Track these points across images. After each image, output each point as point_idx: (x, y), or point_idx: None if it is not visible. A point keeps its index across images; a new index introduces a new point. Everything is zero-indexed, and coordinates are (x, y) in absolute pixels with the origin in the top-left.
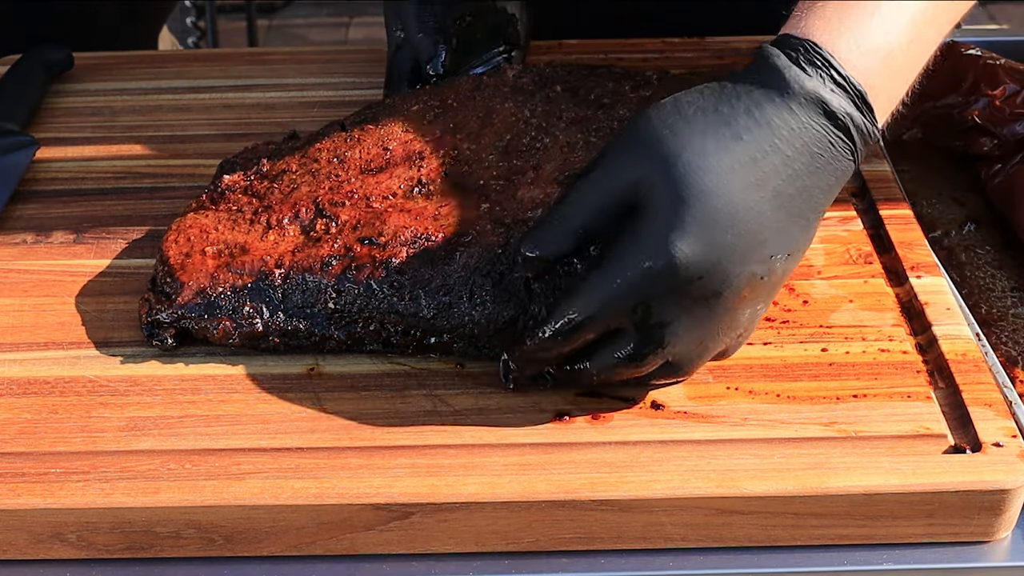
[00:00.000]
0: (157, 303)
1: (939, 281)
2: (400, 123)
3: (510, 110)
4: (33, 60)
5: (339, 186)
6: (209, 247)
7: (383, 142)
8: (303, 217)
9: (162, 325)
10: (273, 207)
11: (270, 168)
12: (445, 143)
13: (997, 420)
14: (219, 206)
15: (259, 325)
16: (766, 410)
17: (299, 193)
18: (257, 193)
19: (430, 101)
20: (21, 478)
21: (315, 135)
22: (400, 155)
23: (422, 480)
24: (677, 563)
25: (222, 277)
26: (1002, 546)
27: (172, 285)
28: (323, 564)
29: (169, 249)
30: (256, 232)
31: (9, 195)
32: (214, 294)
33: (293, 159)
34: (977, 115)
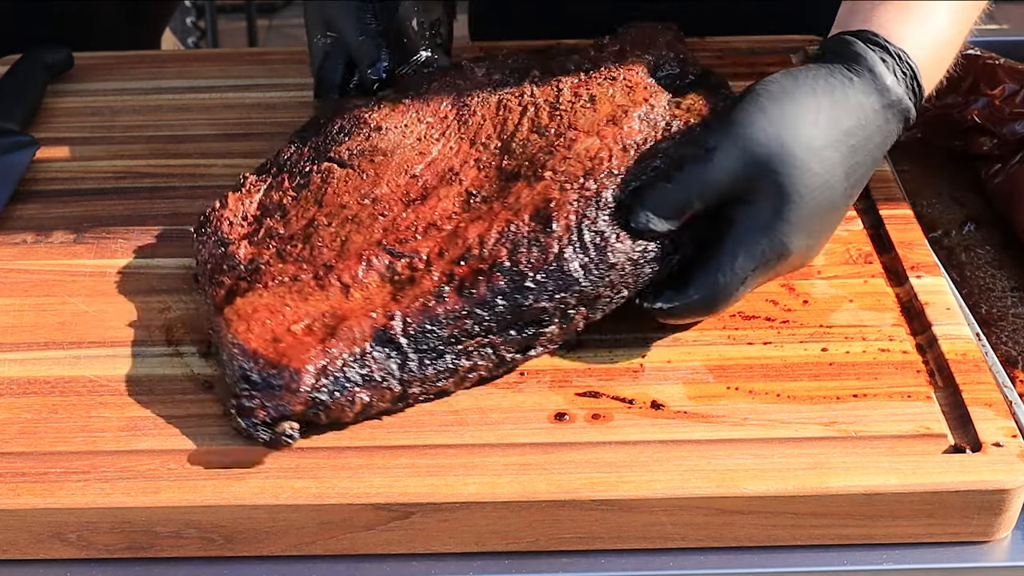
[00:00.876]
0: (273, 399)
1: (939, 281)
2: (405, 144)
3: (506, 98)
4: (33, 60)
5: (394, 224)
6: (295, 325)
7: (405, 170)
8: (377, 265)
9: (282, 420)
10: (335, 265)
11: (287, 228)
12: (466, 149)
13: (997, 420)
14: (263, 283)
15: (395, 384)
16: (766, 410)
17: (355, 244)
18: (300, 257)
19: (412, 113)
20: (21, 478)
21: (302, 173)
22: (433, 178)
23: (422, 480)
24: (677, 563)
25: (336, 349)
26: (1002, 546)
27: (280, 376)
28: (323, 564)
29: (249, 341)
30: (334, 294)
31: (9, 195)
32: (337, 368)
33: (307, 210)
34: (977, 115)
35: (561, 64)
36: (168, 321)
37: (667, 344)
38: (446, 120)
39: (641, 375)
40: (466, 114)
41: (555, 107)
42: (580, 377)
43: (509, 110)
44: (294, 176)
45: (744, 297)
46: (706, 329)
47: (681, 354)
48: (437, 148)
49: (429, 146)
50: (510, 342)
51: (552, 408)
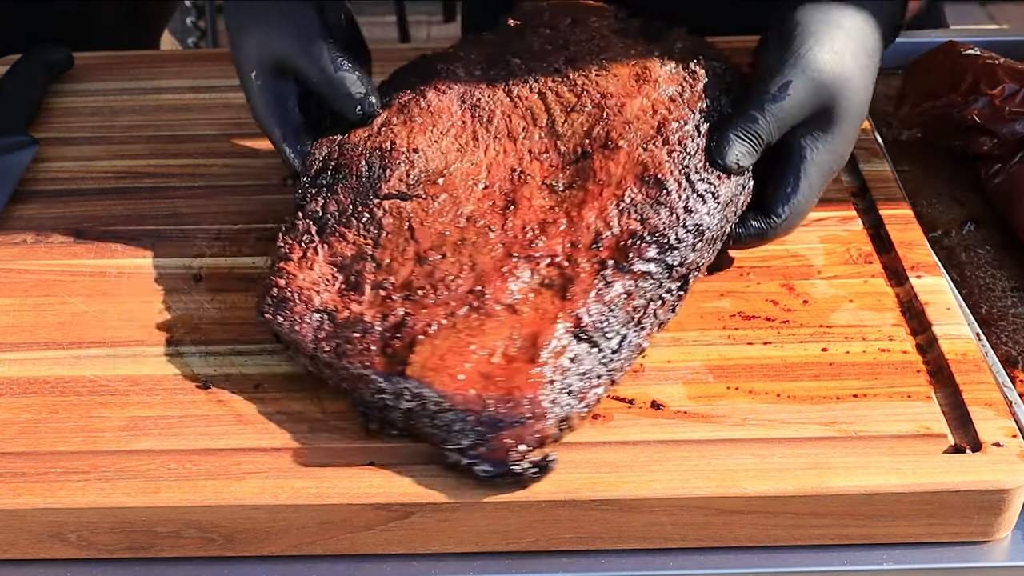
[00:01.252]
0: (526, 431)
1: (939, 281)
2: (451, 159)
3: (513, 88)
4: (33, 60)
5: (508, 235)
6: (470, 364)
7: (473, 182)
8: (524, 276)
9: (541, 447)
10: (483, 290)
11: (396, 275)
12: (512, 147)
13: (997, 420)
14: (421, 331)
15: (605, 377)
16: (766, 410)
17: (485, 265)
18: (439, 297)
19: (431, 128)
20: (21, 478)
21: (364, 220)
22: (504, 183)
23: (422, 480)
24: (677, 563)
25: (551, 363)
26: (1002, 546)
27: (520, 406)
28: (323, 564)
29: (463, 388)
30: (505, 317)
31: (9, 195)
32: (562, 380)
33: (404, 252)
34: (977, 115)
35: (530, 45)
36: (168, 321)
37: (667, 344)
38: (467, 126)
39: (641, 375)
40: (484, 115)
41: (572, 83)
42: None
43: (526, 99)
44: (354, 225)
45: (744, 297)
46: (706, 329)
47: (681, 354)
48: (483, 154)
49: (475, 154)
50: (667, 304)
51: None
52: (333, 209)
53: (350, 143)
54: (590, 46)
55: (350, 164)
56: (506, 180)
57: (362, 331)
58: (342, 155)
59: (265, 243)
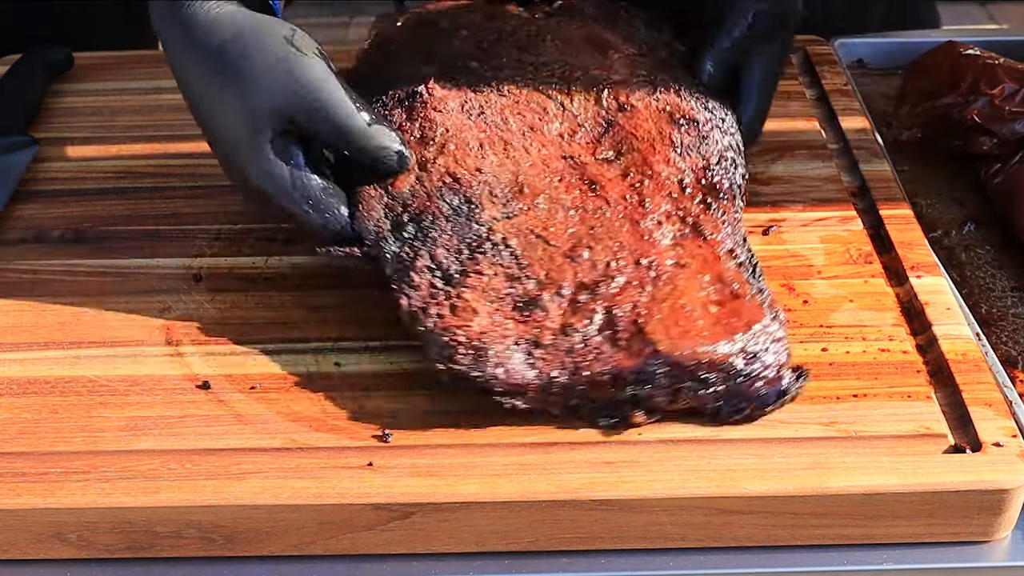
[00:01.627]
0: (777, 357)
1: (939, 281)
2: (522, 168)
3: (500, 85)
4: (33, 60)
5: (630, 214)
6: (702, 320)
7: (553, 180)
8: (669, 245)
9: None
10: (649, 261)
11: (569, 283)
12: (548, 142)
13: (997, 420)
14: (632, 317)
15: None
16: None
17: (634, 245)
18: (617, 284)
19: (467, 155)
20: (21, 478)
21: (473, 247)
22: (579, 180)
23: (422, 480)
24: (677, 563)
25: (757, 298)
26: (1002, 546)
27: (760, 340)
28: (323, 564)
29: (705, 343)
30: (681, 279)
31: (9, 195)
32: (768, 306)
33: (561, 272)
34: (976, 114)
35: (466, 47)
36: (168, 321)
37: None
38: (490, 135)
39: None
40: (497, 120)
41: (548, 68)
42: None
43: (520, 93)
44: (483, 260)
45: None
46: None
47: None
48: (528, 154)
49: (524, 156)
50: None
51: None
52: (444, 255)
53: (405, 192)
54: (529, 32)
55: (427, 210)
56: (568, 168)
57: (582, 340)
58: (409, 206)
59: (265, 243)
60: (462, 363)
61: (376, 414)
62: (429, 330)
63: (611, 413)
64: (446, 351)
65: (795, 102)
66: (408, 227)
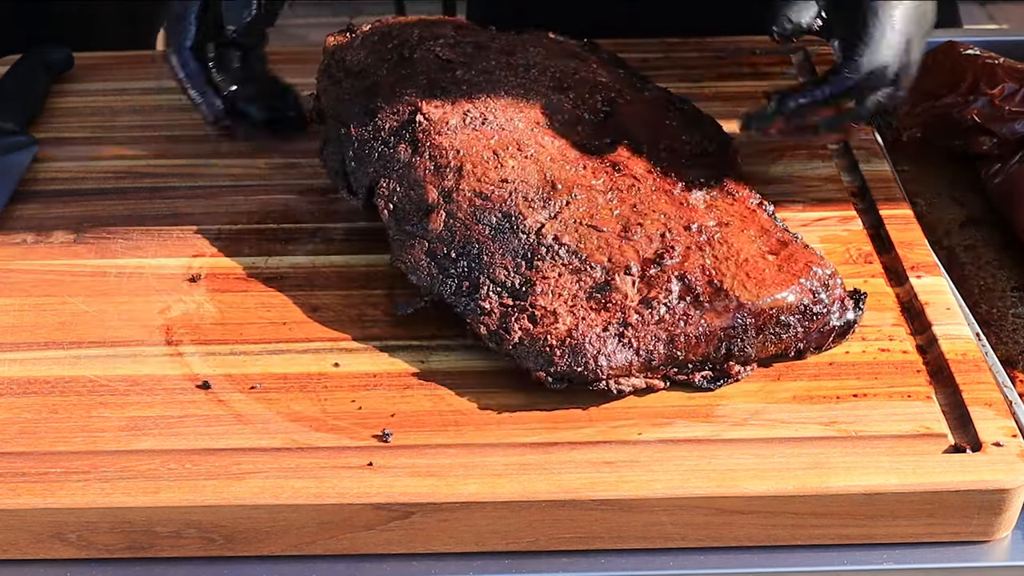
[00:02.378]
0: (839, 286)
1: (939, 281)
2: (557, 176)
3: (485, 89)
4: (33, 60)
5: (661, 186)
6: (767, 269)
7: (591, 180)
8: (705, 206)
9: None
10: (705, 232)
11: (637, 262)
12: (557, 133)
13: (997, 420)
14: (719, 284)
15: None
16: (766, 410)
17: (677, 213)
18: (702, 255)
19: (489, 167)
20: (21, 478)
21: (547, 251)
22: (601, 165)
23: (422, 480)
24: (677, 563)
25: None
26: (1002, 546)
27: (823, 277)
28: (323, 564)
29: (783, 287)
30: (732, 236)
31: (9, 195)
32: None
33: (623, 252)
34: (976, 114)
35: (429, 67)
36: (168, 321)
37: None
38: (502, 139)
39: None
40: (501, 123)
41: (525, 67)
42: None
43: (509, 92)
44: (543, 265)
45: None
46: None
47: None
48: (544, 148)
49: (542, 152)
50: None
51: (552, 408)
52: (504, 274)
53: (442, 230)
54: (508, 39)
55: (470, 239)
56: (586, 156)
57: (667, 310)
58: (451, 242)
59: (265, 243)
60: (562, 364)
61: (376, 414)
62: (517, 344)
63: (712, 371)
64: (543, 358)
65: None
66: (459, 263)
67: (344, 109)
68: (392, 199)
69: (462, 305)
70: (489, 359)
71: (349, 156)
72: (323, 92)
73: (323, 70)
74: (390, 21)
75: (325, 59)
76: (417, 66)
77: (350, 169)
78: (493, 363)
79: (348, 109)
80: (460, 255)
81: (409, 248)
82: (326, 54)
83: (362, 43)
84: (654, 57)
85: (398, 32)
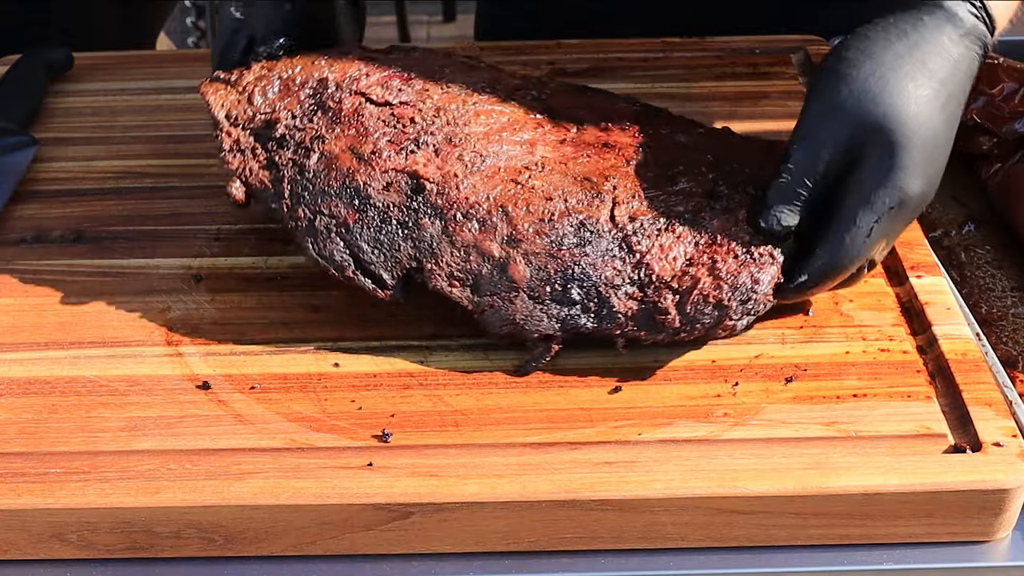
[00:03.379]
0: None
1: (939, 281)
2: (538, 173)
3: (427, 106)
4: (33, 60)
5: (648, 161)
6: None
7: (581, 168)
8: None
9: None
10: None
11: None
12: (526, 123)
13: (997, 420)
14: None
15: None
16: (766, 410)
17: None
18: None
19: (473, 185)
20: (21, 478)
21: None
22: (593, 148)
23: (422, 480)
24: (677, 563)
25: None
26: (1002, 546)
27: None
28: (323, 564)
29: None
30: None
31: (9, 195)
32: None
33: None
34: (976, 114)
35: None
36: (168, 321)
37: (667, 344)
38: (518, 167)
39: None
40: (469, 134)
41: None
42: (580, 377)
43: (458, 104)
44: (574, 266)
45: None
46: None
47: (681, 354)
48: (527, 135)
49: (534, 150)
50: None
51: (552, 408)
52: (615, 272)
53: (532, 274)
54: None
55: (563, 261)
56: (582, 146)
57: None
58: (550, 273)
59: (265, 243)
60: (736, 306)
61: (376, 414)
62: (687, 318)
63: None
64: (719, 310)
65: (795, 102)
66: (571, 290)
67: (308, 194)
68: (455, 275)
69: (603, 323)
70: (489, 359)
71: (358, 247)
72: (251, 175)
73: (231, 147)
74: (277, 64)
75: (219, 123)
76: (363, 119)
77: (366, 259)
78: (493, 363)
79: (314, 194)
80: (567, 282)
81: (510, 308)
82: (217, 114)
83: (262, 97)
84: (654, 57)
85: (302, 75)
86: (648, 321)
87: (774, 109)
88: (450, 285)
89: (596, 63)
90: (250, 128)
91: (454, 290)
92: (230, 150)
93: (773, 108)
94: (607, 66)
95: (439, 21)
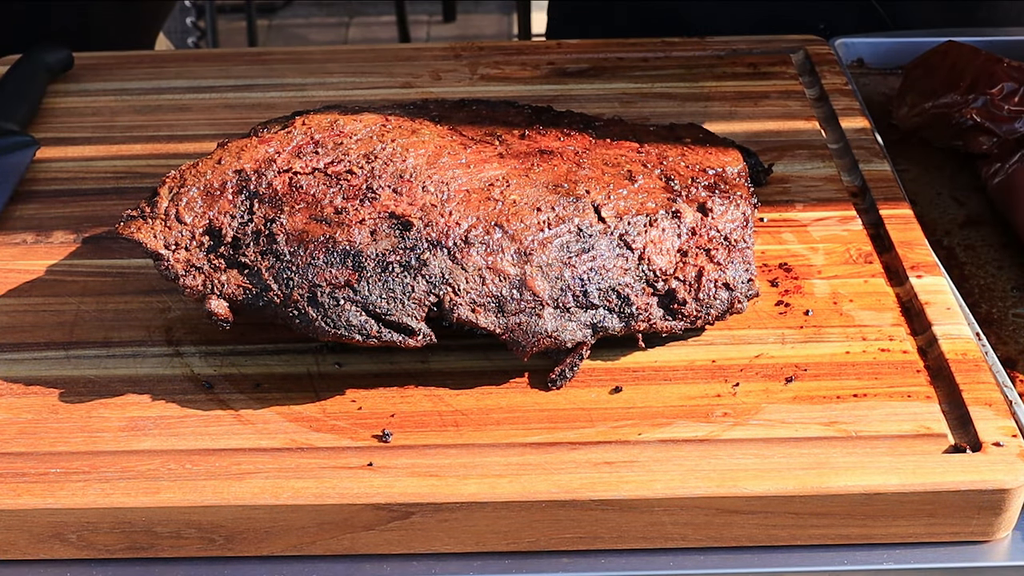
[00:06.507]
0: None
1: (939, 281)
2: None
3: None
4: (33, 60)
5: (628, 158)
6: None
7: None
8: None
9: None
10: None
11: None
12: (485, 151)
13: (997, 420)
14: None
15: None
16: (766, 410)
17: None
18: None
19: (454, 222)
20: (21, 478)
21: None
22: (570, 162)
23: (422, 480)
24: (677, 563)
25: None
26: (1002, 546)
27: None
28: (323, 564)
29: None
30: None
31: (9, 195)
32: None
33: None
34: (976, 114)
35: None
36: (168, 321)
37: (666, 345)
38: (480, 191)
39: (640, 374)
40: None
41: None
42: (580, 378)
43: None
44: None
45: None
46: (707, 329)
47: (681, 354)
48: (493, 170)
49: (510, 170)
50: None
51: (552, 408)
52: (624, 271)
53: (549, 286)
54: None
55: (578, 269)
56: (531, 155)
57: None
58: (567, 282)
59: None
60: (742, 285)
61: (376, 414)
62: (707, 302)
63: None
64: (742, 283)
65: (795, 102)
66: (590, 293)
67: (296, 275)
68: (476, 301)
69: (628, 321)
70: (489, 359)
71: (371, 304)
72: (225, 285)
73: (186, 271)
74: (171, 174)
75: (162, 255)
76: (305, 190)
77: (383, 311)
78: (493, 363)
79: (302, 271)
80: (586, 287)
81: (539, 323)
82: (154, 247)
83: (191, 213)
84: (654, 57)
85: (217, 177)
86: (667, 312)
87: (774, 109)
88: (474, 312)
89: (596, 63)
90: (195, 246)
91: (479, 317)
92: (186, 274)
93: (773, 108)
94: (607, 66)
95: (439, 21)
